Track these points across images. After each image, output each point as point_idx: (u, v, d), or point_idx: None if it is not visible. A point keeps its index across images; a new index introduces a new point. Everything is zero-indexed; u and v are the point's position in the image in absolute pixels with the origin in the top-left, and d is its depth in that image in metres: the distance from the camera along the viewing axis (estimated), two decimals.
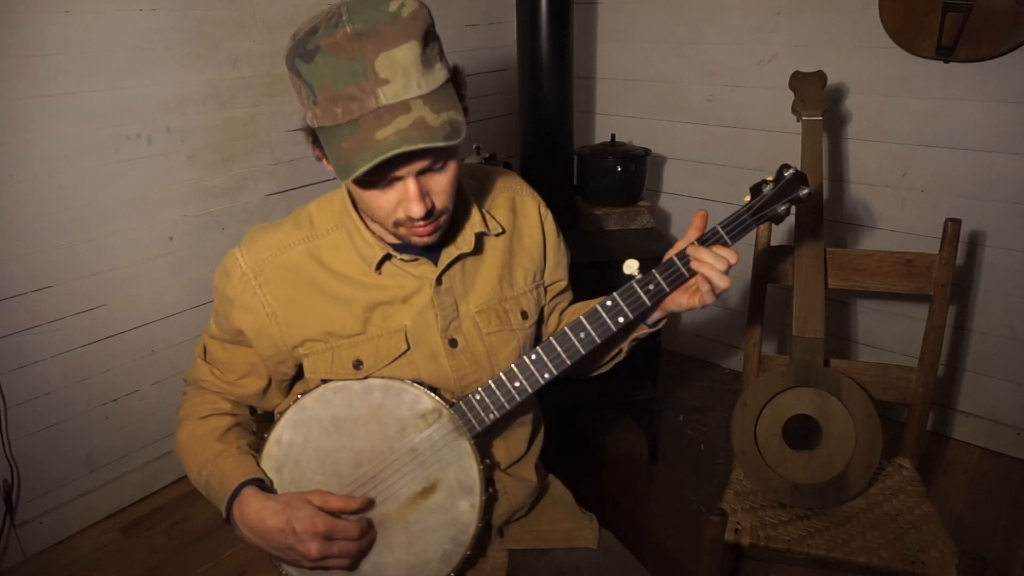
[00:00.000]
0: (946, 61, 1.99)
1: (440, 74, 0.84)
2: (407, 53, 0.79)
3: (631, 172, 2.32)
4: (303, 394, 0.99)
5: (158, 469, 2.18)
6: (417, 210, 0.86)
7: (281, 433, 0.99)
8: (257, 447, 1.01)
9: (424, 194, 0.87)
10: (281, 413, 0.99)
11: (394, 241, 0.98)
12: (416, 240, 0.93)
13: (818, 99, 1.69)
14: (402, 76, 0.79)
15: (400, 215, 0.89)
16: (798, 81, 1.75)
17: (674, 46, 2.57)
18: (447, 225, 0.96)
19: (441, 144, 0.79)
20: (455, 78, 0.88)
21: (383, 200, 0.88)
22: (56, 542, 2.00)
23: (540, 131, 2.26)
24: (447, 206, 0.92)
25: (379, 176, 0.85)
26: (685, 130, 2.64)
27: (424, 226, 0.91)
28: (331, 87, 0.79)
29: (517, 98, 2.33)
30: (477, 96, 2.78)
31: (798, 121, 1.69)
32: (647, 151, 2.36)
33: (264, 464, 0.99)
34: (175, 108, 1.96)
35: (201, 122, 2.02)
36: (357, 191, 0.89)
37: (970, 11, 1.85)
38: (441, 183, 0.89)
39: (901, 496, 1.51)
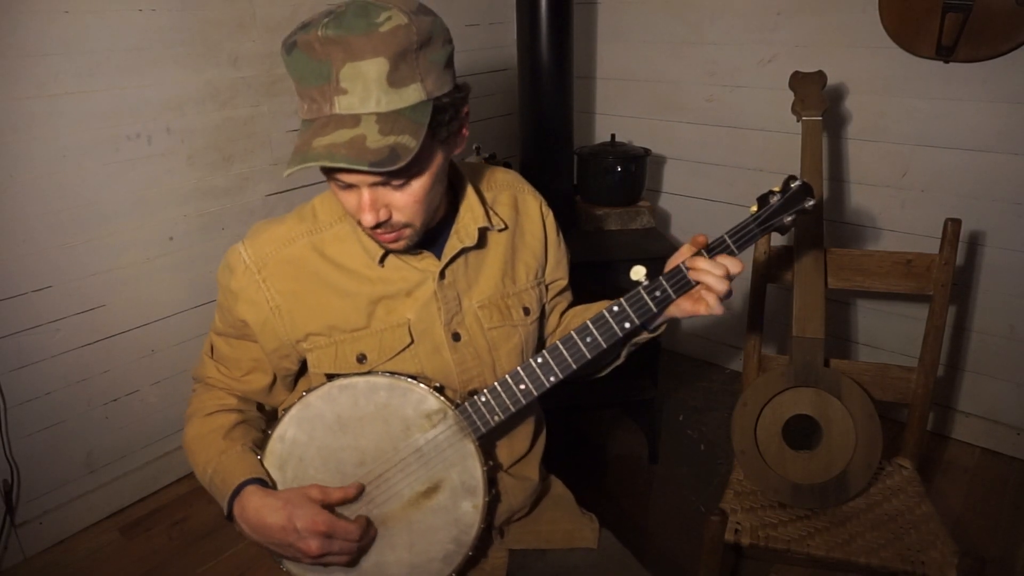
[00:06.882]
0: (946, 61, 1.99)
1: (411, 95, 0.81)
2: (373, 68, 0.78)
3: (631, 172, 2.32)
4: (308, 391, 0.99)
5: (158, 469, 2.18)
6: (367, 219, 0.86)
7: (285, 430, 0.99)
8: (261, 444, 1.01)
9: (380, 205, 0.87)
10: (286, 410, 0.99)
11: None
12: (381, 244, 0.94)
13: (818, 99, 1.69)
14: (362, 90, 0.79)
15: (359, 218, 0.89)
16: (798, 81, 1.75)
17: (674, 46, 2.58)
18: (417, 238, 0.94)
19: (364, 169, 0.77)
20: (444, 99, 0.84)
21: (347, 200, 0.89)
22: (56, 542, 2.00)
23: (540, 131, 2.26)
24: (412, 222, 0.90)
25: (334, 179, 0.86)
26: (685, 130, 2.64)
27: (383, 234, 0.91)
28: (299, 83, 0.82)
29: (517, 98, 2.33)
30: (477, 96, 2.77)
31: (798, 121, 1.69)
32: (647, 151, 2.36)
33: (267, 461, 0.99)
34: (175, 108, 1.95)
35: (201, 122, 2.02)
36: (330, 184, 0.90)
37: (970, 11, 1.85)
38: (403, 199, 0.87)
39: (901, 496, 1.51)
